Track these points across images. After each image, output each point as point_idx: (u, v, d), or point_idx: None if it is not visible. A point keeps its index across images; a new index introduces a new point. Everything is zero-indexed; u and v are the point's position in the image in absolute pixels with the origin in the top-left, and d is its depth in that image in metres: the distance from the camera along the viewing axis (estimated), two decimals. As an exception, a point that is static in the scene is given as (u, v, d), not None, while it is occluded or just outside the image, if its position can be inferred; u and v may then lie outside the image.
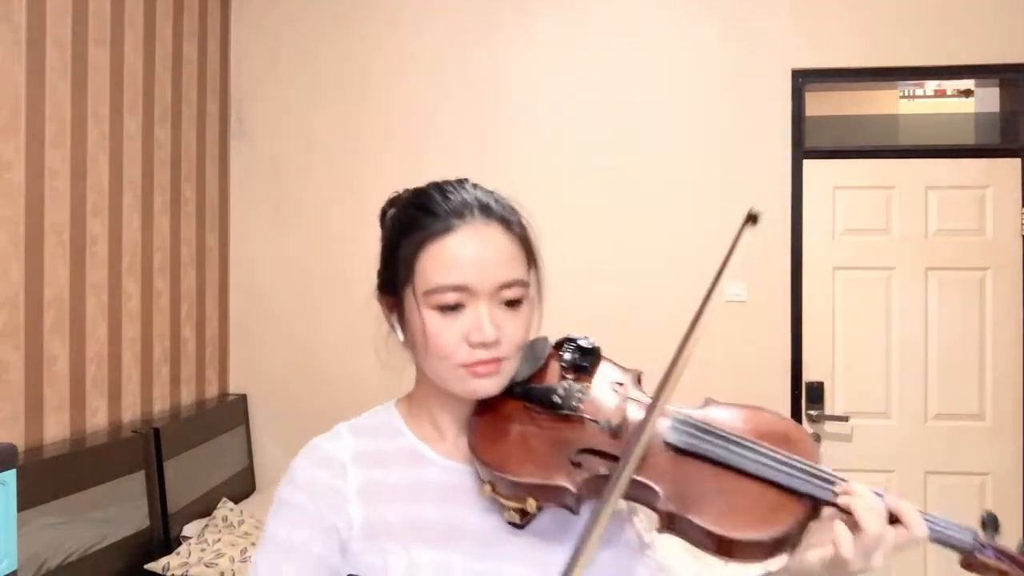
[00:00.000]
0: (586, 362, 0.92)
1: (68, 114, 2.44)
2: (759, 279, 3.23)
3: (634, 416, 0.86)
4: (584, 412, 0.87)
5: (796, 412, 3.23)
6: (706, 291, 0.83)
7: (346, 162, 3.42)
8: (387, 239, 0.91)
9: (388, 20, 3.41)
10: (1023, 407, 3.15)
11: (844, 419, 3.19)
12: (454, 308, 0.84)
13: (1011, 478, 3.15)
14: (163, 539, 2.60)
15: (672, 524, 0.79)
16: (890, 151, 3.38)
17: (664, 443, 0.84)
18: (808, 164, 3.26)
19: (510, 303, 0.86)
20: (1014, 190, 3.17)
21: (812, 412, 3.21)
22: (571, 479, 0.80)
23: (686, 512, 0.78)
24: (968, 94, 3.80)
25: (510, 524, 0.85)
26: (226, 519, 2.79)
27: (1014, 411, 3.16)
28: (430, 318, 0.84)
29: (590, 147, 3.32)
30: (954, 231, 3.20)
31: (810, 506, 0.79)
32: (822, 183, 3.26)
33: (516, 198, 0.93)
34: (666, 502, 0.79)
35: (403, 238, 0.87)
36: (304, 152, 3.45)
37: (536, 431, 0.86)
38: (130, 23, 2.76)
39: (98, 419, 2.58)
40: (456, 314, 0.84)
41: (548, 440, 0.85)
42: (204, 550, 2.52)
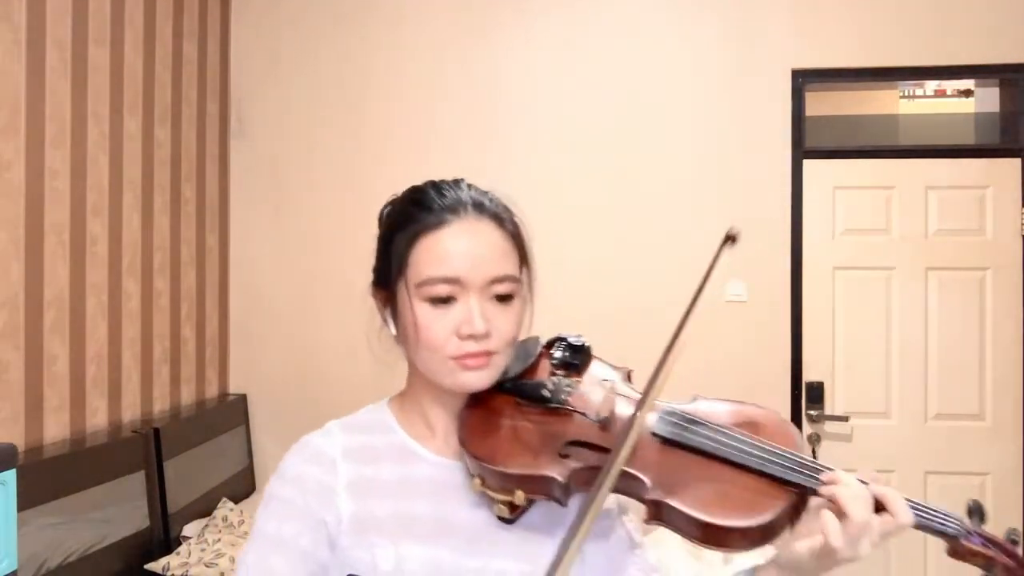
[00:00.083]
0: (576, 360, 0.94)
1: (68, 114, 2.44)
2: (759, 279, 3.23)
3: (622, 410, 0.87)
4: (573, 405, 0.88)
5: (796, 412, 3.23)
6: (686, 309, 0.83)
7: (346, 162, 3.42)
8: (382, 234, 0.92)
9: (388, 20, 3.41)
10: (1023, 407, 3.16)
11: (844, 419, 3.18)
12: (445, 301, 0.85)
13: (1011, 478, 3.15)
14: (163, 539, 2.60)
15: (659, 513, 0.79)
16: (890, 151, 3.38)
17: (651, 434, 0.85)
18: (808, 164, 3.26)
19: (501, 298, 0.87)
20: (1014, 190, 3.17)
21: (812, 412, 3.21)
22: (559, 470, 0.81)
23: (672, 500, 0.78)
24: (968, 94, 3.80)
25: (499, 519, 0.85)
26: (226, 519, 2.79)
27: (1014, 411, 3.16)
28: (421, 310, 0.85)
29: (590, 147, 3.32)
30: (954, 231, 3.20)
31: (796, 495, 0.80)
32: (822, 183, 3.26)
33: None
34: (653, 491, 0.80)
35: (398, 232, 0.88)
36: (304, 152, 3.45)
37: (526, 425, 0.87)
38: (130, 23, 2.76)
39: (98, 419, 2.58)
40: (447, 307, 0.85)
41: (537, 433, 0.86)
42: (204, 550, 2.52)
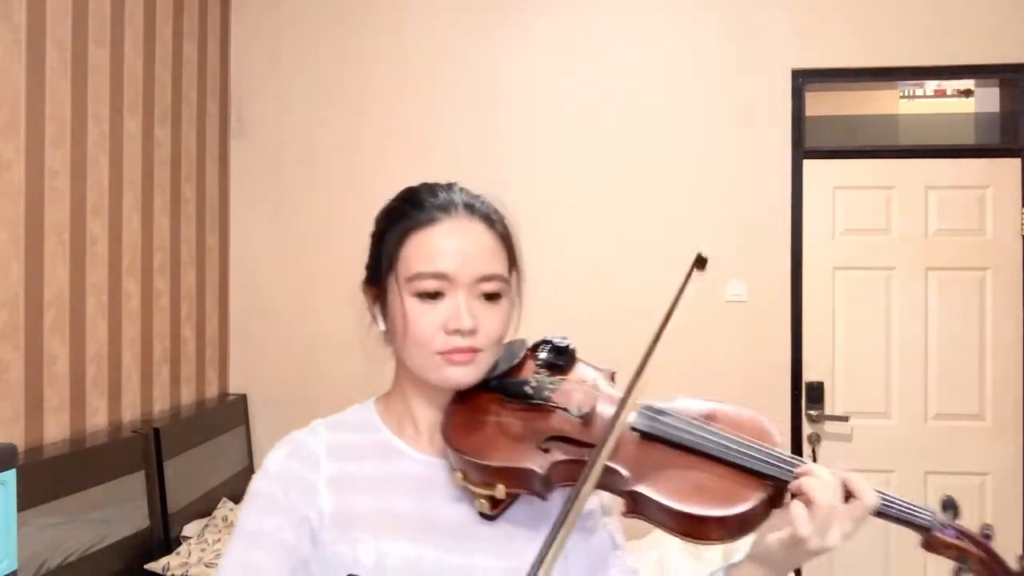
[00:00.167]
0: (561, 361, 0.96)
1: (68, 114, 2.44)
2: (759, 279, 3.23)
3: (604, 408, 0.88)
4: (555, 402, 0.89)
5: (796, 412, 3.23)
6: (655, 332, 0.84)
7: (346, 162, 3.42)
8: (375, 232, 0.94)
9: (388, 20, 3.41)
10: (1023, 407, 3.16)
11: (844, 419, 3.18)
12: (434, 296, 0.87)
13: (1011, 478, 3.14)
14: (163, 539, 2.60)
15: (637, 506, 0.81)
16: (890, 151, 3.38)
17: (631, 429, 0.86)
18: (808, 164, 3.26)
19: (489, 297, 0.89)
20: (1014, 190, 3.17)
21: (812, 412, 3.21)
22: (539, 462, 0.82)
23: (650, 491, 0.80)
24: (968, 94, 3.80)
25: (481, 515, 0.86)
26: (226, 519, 2.79)
27: (1014, 411, 3.16)
28: (410, 304, 0.87)
29: (590, 147, 3.32)
30: (954, 231, 3.20)
31: (772, 488, 0.81)
32: (822, 183, 3.26)
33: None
34: (631, 483, 0.81)
35: (390, 229, 0.91)
36: (304, 152, 3.45)
37: (508, 421, 0.89)
38: (130, 23, 2.76)
39: (98, 419, 2.58)
40: (435, 302, 0.87)
41: (519, 428, 0.87)
42: (204, 550, 2.53)
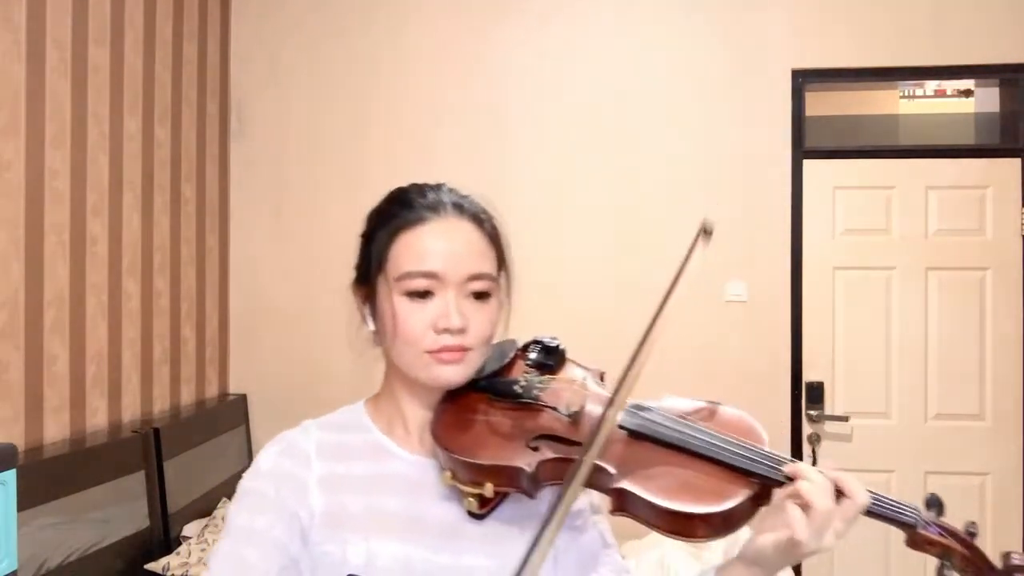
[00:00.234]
0: (550, 361, 0.96)
1: (68, 114, 2.44)
2: (759, 279, 3.23)
3: (592, 407, 0.88)
4: (544, 401, 0.90)
5: (796, 412, 3.23)
6: (659, 303, 0.85)
7: (346, 162, 3.41)
8: (364, 232, 0.95)
9: (389, 21, 3.41)
10: (1023, 407, 3.16)
11: (844, 419, 3.18)
12: (423, 296, 0.87)
13: (1011, 478, 3.15)
14: (163, 539, 2.60)
15: (623, 503, 0.81)
16: (890, 151, 3.38)
17: (618, 427, 0.87)
18: (808, 164, 3.26)
19: (478, 296, 0.89)
20: (1014, 190, 3.17)
21: (812, 412, 3.21)
22: (527, 460, 0.83)
23: (636, 489, 0.80)
24: (968, 94, 3.80)
25: (470, 514, 0.86)
26: (226, 519, 2.79)
27: (1014, 411, 3.16)
28: (400, 304, 0.88)
29: (590, 146, 3.32)
30: (954, 231, 3.20)
31: (759, 486, 0.81)
32: (822, 183, 3.26)
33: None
34: (617, 480, 0.81)
35: (379, 229, 0.91)
36: (304, 152, 3.45)
37: (497, 420, 0.89)
38: (130, 23, 2.76)
39: (98, 419, 2.58)
40: (425, 301, 0.87)
41: (508, 427, 0.88)
42: (204, 550, 2.53)
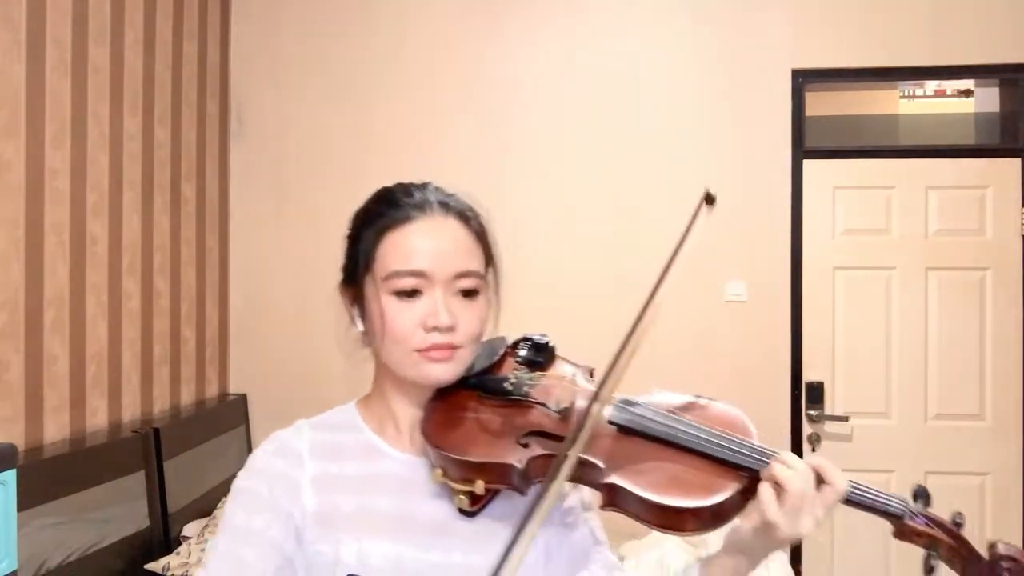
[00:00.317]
0: (540, 358, 0.96)
1: (68, 114, 2.44)
2: (759, 279, 3.23)
3: (582, 404, 0.88)
4: (534, 397, 0.90)
5: (796, 412, 3.23)
6: (659, 276, 0.86)
7: (346, 162, 3.41)
8: (351, 232, 0.95)
9: (389, 20, 3.41)
10: (1023, 407, 3.15)
11: (844, 419, 3.18)
12: (411, 294, 0.87)
13: (1011, 478, 3.14)
14: (163, 539, 2.60)
15: (613, 498, 0.81)
16: (890, 151, 3.38)
17: (607, 422, 0.87)
18: (808, 164, 3.26)
19: (466, 293, 0.89)
20: (1014, 190, 3.17)
21: (812, 412, 3.21)
22: (517, 457, 0.83)
23: (626, 483, 0.80)
24: (968, 94, 3.80)
25: (460, 512, 0.86)
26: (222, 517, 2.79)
27: (1014, 411, 3.16)
28: (388, 303, 0.88)
29: (590, 146, 3.32)
30: (954, 231, 3.20)
31: (747, 479, 0.81)
32: (822, 183, 3.26)
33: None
34: (607, 475, 0.81)
35: (365, 229, 0.91)
36: (304, 152, 3.45)
37: (487, 417, 0.89)
38: (130, 23, 2.76)
39: (98, 419, 2.58)
40: (413, 300, 0.87)
41: (498, 424, 0.88)
42: (204, 550, 2.52)
